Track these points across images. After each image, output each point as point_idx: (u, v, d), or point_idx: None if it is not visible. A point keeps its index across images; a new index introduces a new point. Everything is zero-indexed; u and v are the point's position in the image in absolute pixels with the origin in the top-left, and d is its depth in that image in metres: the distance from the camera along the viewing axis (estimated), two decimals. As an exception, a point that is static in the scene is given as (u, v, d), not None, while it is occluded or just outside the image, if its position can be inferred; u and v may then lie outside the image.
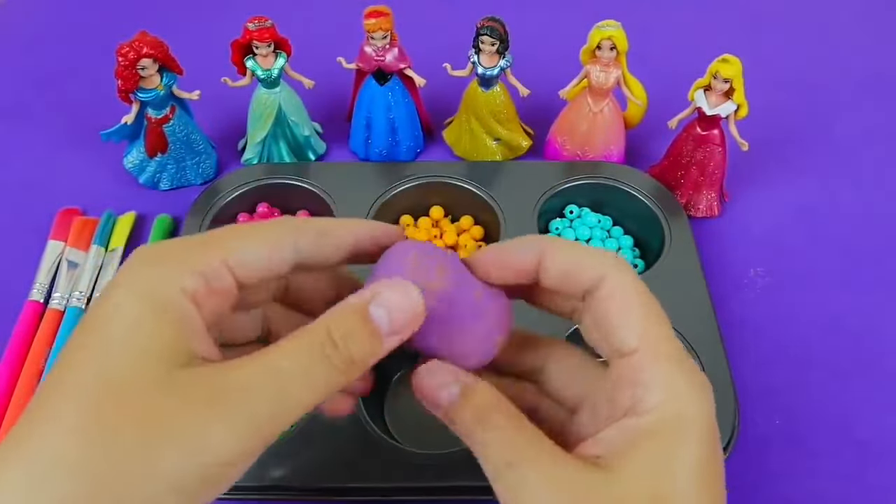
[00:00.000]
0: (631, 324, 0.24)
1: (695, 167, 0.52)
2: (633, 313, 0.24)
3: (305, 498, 0.39)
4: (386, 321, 0.23)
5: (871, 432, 0.43)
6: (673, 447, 0.22)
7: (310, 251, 0.25)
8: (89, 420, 0.19)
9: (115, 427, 0.19)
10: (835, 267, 0.52)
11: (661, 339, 0.24)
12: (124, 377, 0.20)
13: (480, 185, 0.52)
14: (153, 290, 0.21)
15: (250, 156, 0.56)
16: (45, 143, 0.60)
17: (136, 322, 0.20)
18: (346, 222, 0.26)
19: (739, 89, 0.48)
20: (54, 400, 0.20)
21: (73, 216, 0.53)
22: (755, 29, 0.71)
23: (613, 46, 0.50)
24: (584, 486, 0.22)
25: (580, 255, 0.25)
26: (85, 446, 0.19)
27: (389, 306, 0.23)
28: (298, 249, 0.24)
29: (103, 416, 0.19)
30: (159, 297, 0.21)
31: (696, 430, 0.22)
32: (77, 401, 0.19)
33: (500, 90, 0.54)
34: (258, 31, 0.50)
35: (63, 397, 0.19)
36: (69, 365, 0.20)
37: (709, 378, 0.40)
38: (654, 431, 0.22)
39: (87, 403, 0.19)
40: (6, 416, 0.43)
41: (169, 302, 0.21)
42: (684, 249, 0.48)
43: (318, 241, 0.25)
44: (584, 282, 0.25)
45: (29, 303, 0.48)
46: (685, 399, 0.23)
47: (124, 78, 0.49)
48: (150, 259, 0.22)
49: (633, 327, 0.24)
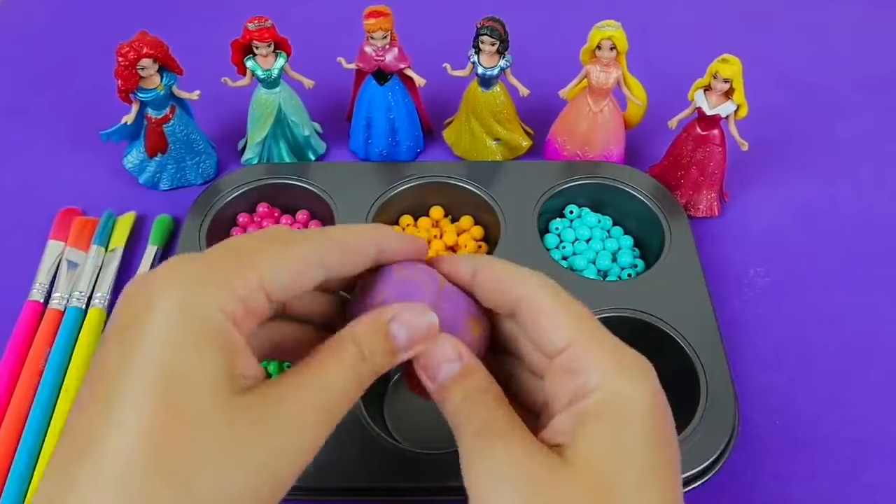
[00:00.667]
0: (563, 323, 0.25)
1: (695, 167, 0.52)
2: (562, 316, 0.25)
3: (305, 498, 0.39)
4: (403, 338, 0.25)
5: (871, 432, 0.43)
6: (618, 424, 0.23)
7: (335, 267, 0.25)
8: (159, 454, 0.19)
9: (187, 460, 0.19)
10: (835, 267, 0.52)
11: (594, 331, 0.25)
12: (189, 410, 0.20)
13: (480, 185, 0.52)
14: (201, 315, 0.21)
15: (250, 156, 0.56)
16: (45, 143, 0.60)
17: (190, 351, 0.21)
18: (368, 233, 0.27)
19: (739, 89, 0.48)
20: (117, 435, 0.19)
21: (73, 216, 0.53)
22: (755, 29, 0.71)
23: (613, 46, 0.50)
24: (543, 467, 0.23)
25: (507, 273, 0.27)
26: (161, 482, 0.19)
27: (408, 326, 0.25)
28: (326, 266, 0.25)
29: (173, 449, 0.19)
30: (207, 323, 0.21)
31: (639, 406, 0.23)
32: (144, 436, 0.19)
33: (500, 90, 0.54)
34: (258, 31, 0.50)
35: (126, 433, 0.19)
36: (124, 397, 0.20)
37: (709, 378, 0.41)
38: (597, 412, 0.23)
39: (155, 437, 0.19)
40: (6, 415, 0.42)
41: (217, 327, 0.21)
42: (684, 249, 0.48)
43: (342, 257, 0.26)
44: (511, 299, 0.26)
45: (29, 303, 0.48)
46: (625, 379, 0.24)
47: (124, 78, 0.49)
48: (194, 280, 0.22)
49: (566, 326, 0.25)
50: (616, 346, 0.25)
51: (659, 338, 0.44)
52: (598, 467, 0.23)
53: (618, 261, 0.51)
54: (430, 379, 0.26)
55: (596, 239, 0.52)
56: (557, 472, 0.23)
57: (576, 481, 0.22)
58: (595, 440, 0.23)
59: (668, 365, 0.40)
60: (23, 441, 0.41)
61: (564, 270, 0.48)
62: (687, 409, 0.41)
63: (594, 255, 0.51)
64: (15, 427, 0.42)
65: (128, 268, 0.51)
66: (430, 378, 0.26)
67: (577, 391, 0.24)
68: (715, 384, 0.41)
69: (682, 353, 0.43)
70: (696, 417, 0.40)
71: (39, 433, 0.42)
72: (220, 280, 0.22)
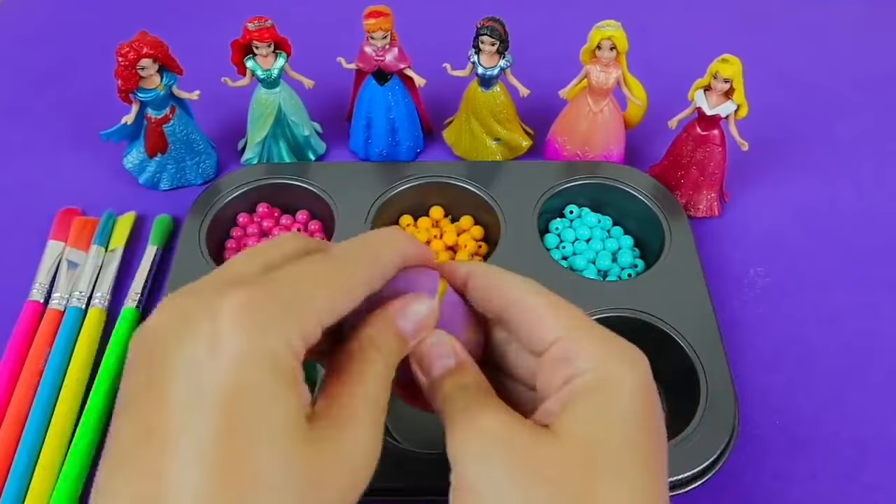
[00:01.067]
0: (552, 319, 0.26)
1: (695, 167, 0.52)
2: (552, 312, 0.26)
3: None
4: (411, 329, 0.26)
5: (871, 432, 0.43)
6: (605, 399, 0.24)
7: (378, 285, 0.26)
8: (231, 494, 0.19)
9: None
10: (835, 267, 0.52)
11: (585, 324, 0.26)
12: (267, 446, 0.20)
13: (480, 185, 0.52)
14: (275, 357, 0.21)
15: (250, 156, 0.56)
16: (45, 143, 0.60)
17: (271, 396, 0.20)
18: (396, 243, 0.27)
19: (739, 89, 0.48)
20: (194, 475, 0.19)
21: (73, 216, 0.53)
22: (755, 29, 0.71)
23: (613, 46, 0.50)
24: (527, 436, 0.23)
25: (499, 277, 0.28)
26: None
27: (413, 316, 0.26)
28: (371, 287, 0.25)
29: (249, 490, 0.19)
30: (281, 364, 0.21)
31: (628, 387, 0.24)
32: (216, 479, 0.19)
33: (500, 90, 0.54)
34: (258, 31, 0.50)
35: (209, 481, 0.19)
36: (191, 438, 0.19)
37: (709, 378, 0.41)
38: (586, 389, 0.24)
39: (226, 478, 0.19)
40: (6, 415, 0.42)
41: (289, 368, 0.21)
42: (684, 249, 0.48)
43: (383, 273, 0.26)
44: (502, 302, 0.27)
45: (29, 303, 0.48)
46: (614, 364, 0.25)
47: (124, 78, 0.49)
48: (266, 319, 0.21)
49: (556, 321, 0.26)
50: (607, 335, 0.26)
51: (659, 338, 0.44)
52: (583, 436, 0.23)
53: (618, 261, 0.51)
54: (425, 373, 0.27)
55: (596, 239, 0.52)
56: (541, 440, 0.23)
57: (559, 448, 0.23)
58: (580, 413, 0.24)
59: (668, 365, 0.40)
60: (23, 441, 0.41)
61: (564, 270, 0.48)
62: (687, 409, 0.41)
63: (594, 255, 0.51)
64: (15, 427, 0.42)
65: (128, 268, 0.51)
66: (424, 373, 0.27)
67: (566, 377, 0.25)
68: (715, 384, 0.41)
69: (682, 353, 0.43)
70: (696, 417, 0.40)
71: (39, 433, 0.42)
72: (287, 321, 0.22)
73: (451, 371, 0.26)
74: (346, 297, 0.24)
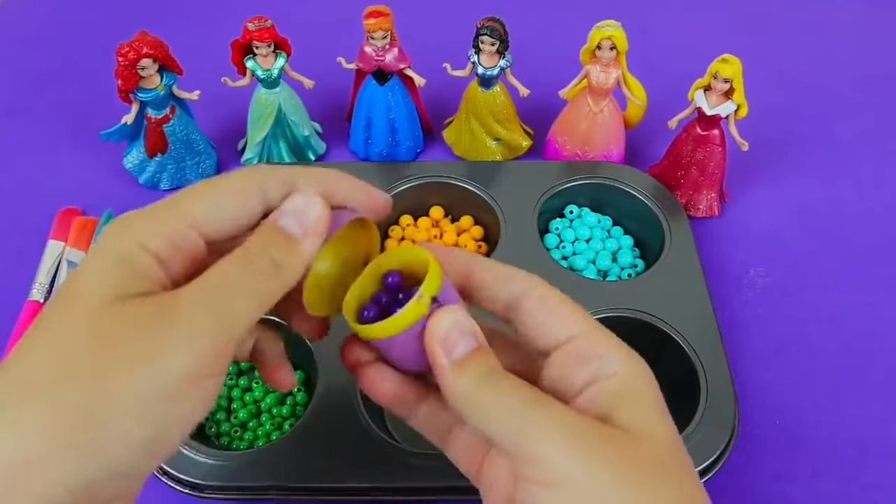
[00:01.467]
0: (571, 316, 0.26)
1: (695, 167, 0.52)
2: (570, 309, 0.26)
3: (306, 498, 0.39)
4: (296, 226, 0.25)
5: (871, 432, 0.43)
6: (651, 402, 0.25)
7: (277, 200, 0.26)
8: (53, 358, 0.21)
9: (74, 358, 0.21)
10: (835, 267, 0.52)
11: (595, 323, 0.26)
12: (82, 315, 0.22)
13: (480, 185, 0.52)
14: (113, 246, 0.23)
15: (250, 156, 0.56)
16: (44, 143, 0.60)
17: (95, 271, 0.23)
18: (316, 174, 0.27)
19: (739, 89, 0.48)
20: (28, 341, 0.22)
21: (73, 216, 0.53)
22: (755, 29, 0.71)
23: (613, 46, 0.50)
24: (597, 428, 0.23)
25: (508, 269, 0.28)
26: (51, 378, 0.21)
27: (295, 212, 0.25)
28: (267, 199, 0.26)
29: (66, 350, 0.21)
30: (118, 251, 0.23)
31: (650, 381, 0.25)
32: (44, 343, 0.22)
33: (500, 90, 0.54)
34: (258, 31, 0.50)
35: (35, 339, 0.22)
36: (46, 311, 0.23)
37: (709, 378, 0.41)
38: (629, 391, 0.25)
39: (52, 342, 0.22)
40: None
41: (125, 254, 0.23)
42: (684, 249, 0.48)
43: (286, 191, 0.26)
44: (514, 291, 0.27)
45: (29, 303, 0.48)
46: (633, 362, 0.25)
47: (124, 78, 0.49)
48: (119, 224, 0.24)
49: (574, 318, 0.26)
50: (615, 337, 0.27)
51: (659, 338, 0.44)
52: (663, 437, 0.24)
53: (618, 261, 0.51)
54: (448, 353, 0.25)
55: (596, 239, 0.52)
56: (608, 431, 0.24)
57: (625, 437, 0.24)
58: (642, 414, 0.24)
59: (668, 365, 0.40)
60: (23, 441, 0.41)
61: (564, 270, 0.48)
62: (687, 409, 0.41)
63: (594, 255, 0.51)
64: (15, 427, 0.42)
65: (128, 268, 0.51)
66: (447, 352, 0.25)
67: (591, 376, 0.25)
68: (715, 384, 0.41)
69: (682, 353, 0.43)
70: (696, 417, 0.40)
71: (39, 433, 0.41)
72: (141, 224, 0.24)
73: (476, 351, 0.25)
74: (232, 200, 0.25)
